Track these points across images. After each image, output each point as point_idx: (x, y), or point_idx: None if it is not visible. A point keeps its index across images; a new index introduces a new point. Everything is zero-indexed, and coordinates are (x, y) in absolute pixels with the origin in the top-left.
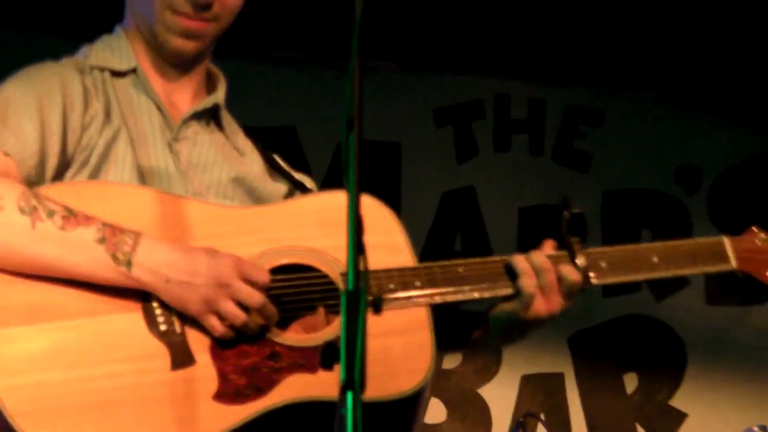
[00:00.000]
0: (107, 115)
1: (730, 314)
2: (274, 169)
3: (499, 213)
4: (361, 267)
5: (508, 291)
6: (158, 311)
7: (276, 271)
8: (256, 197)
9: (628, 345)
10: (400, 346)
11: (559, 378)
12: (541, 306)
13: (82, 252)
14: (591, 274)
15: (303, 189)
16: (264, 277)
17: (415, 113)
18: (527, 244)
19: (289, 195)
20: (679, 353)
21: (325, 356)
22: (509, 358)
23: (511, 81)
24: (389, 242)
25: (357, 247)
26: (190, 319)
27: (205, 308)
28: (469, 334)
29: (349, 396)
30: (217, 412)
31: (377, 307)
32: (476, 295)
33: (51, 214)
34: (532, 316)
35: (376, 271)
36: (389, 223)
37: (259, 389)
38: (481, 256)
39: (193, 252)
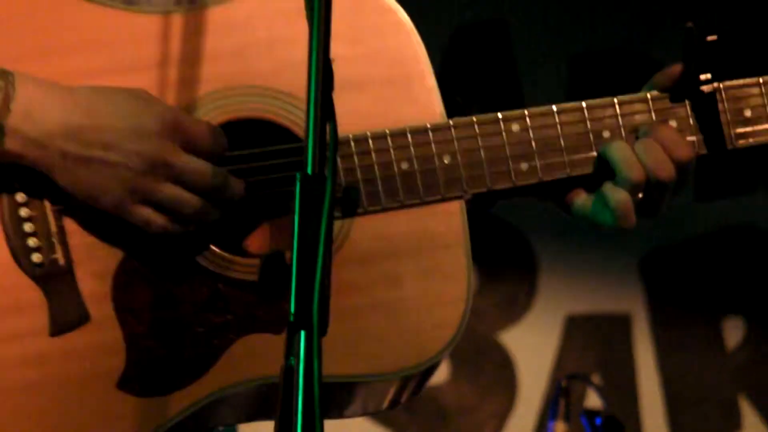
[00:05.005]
0: None
1: None
2: None
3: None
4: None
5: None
6: (24, 212)
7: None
8: None
9: (731, 274)
10: (411, 278)
11: (624, 322)
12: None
13: None
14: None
15: None
16: (216, 143)
17: None
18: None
19: None
20: None
21: (264, 274)
22: (547, 288)
23: None
24: (395, 76)
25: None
26: (79, 226)
27: (131, 199)
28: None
29: (302, 338)
30: (123, 413)
31: (352, 203)
32: (541, 174)
33: None
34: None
35: (361, 138)
36: (399, 40)
37: (194, 368)
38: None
39: (103, 103)
